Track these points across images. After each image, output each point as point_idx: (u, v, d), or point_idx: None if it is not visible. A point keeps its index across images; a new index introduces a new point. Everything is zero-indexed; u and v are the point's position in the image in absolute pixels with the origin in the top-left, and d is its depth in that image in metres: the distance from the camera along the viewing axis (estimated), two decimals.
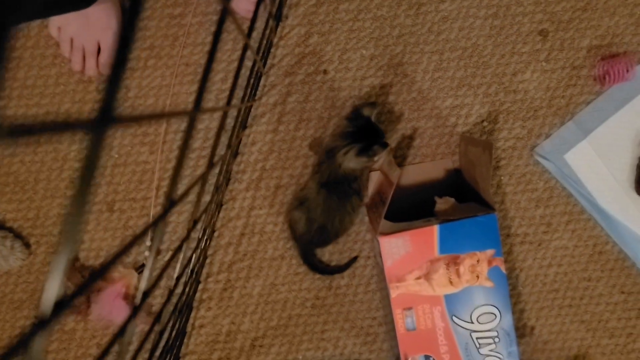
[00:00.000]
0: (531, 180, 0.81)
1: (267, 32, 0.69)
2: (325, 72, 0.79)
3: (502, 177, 0.81)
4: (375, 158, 0.71)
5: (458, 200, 0.74)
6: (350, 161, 0.70)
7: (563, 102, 0.80)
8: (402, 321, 0.68)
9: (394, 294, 0.67)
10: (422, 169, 0.80)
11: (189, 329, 0.80)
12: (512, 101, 0.80)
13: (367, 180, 0.77)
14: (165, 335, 0.75)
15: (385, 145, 0.70)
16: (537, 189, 0.81)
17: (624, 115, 0.80)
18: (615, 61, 0.78)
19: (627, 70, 0.78)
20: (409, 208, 0.76)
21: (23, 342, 0.16)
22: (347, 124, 0.72)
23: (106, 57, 0.76)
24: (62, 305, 0.18)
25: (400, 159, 0.80)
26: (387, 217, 0.71)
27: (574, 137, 0.80)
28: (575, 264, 0.81)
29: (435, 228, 0.67)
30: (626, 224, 0.80)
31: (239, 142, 0.77)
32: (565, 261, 0.81)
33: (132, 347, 0.80)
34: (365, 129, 0.70)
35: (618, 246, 0.81)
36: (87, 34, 0.74)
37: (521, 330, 0.82)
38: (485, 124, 0.80)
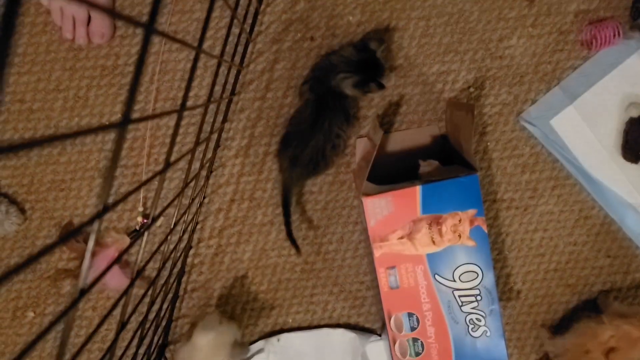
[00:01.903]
0: (517, 145, 0.81)
1: None
2: (312, 38, 0.80)
3: (488, 143, 0.82)
4: (369, 95, 0.75)
5: (445, 165, 0.75)
6: (346, 88, 0.72)
7: (549, 67, 0.80)
8: (385, 279, 0.69)
9: (377, 253, 0.69)
10: (408, 136, 0.81)
11: (181, 292, 0.82)
12: (498, 67, 0.80)
13: (357, 110, 0.80)
14: (159, 299, 0.77)
15: (381, 85, 0.72)
16: (523, 154, 0.81)
17: (611, 80, 0.80)
18: (603, 26, 0.78)
19: (615, 35, 0.77)
20: (395, 174, 0.76)
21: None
22: (352, 52, 0.73)
23: (96, 25, 0.77)
24: None
25: (387, 126, 0.81)
26: (375, 182, 0.72)
27: (560, 102, 0.80)
28: (561, 228, 0.82)
29: (418, 189, 0.68)
30: (612, 188, 0.81)
31: (228, 110, 0.79)
32: (551, 226, 0.82)
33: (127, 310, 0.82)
34: (369, 62, 0.72)
35: (604, 211, 0.82)
36: (77, 2, 0.75)
37: (507, 294, 0.83)
38: (471, 89, 0.81)
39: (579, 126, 0.80)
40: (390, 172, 0.77)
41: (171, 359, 0.82)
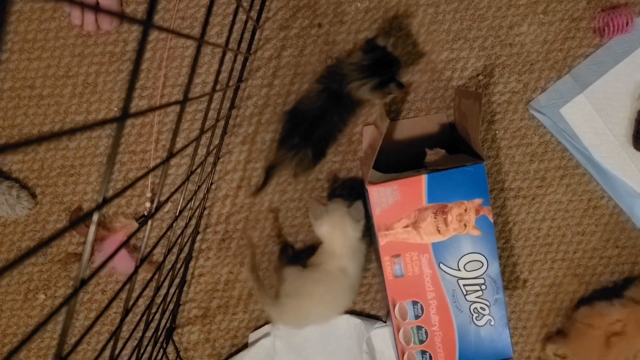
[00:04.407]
0: (526, 134, 0.81)
1: None
2: (319, 25, 0.79)
3: (497, 132, 0.81)
4: (390, 96, 0.72)
5: (451, 154, 0.75)
6: (364, 94, 0.70)
7: (560, 55, 0.79)
8: (390, 268, 0.69)
9: (382, 241, 0.69)
10: (416, 123, 0.80)
11: (188, 277, 0.83)
12: (508, 55, 0.79)
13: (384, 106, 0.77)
14: (166, 283, 0.78)
15: (401, 85, 0.70)
16: (532, 143, 0.81)
17: (623, 68, 0.79)
18: (616, 13, 0.76)
19: (627, 23, 0.76)
20: (403, 162, 0.76)
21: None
22: (362, 56, 0.69)
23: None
24: None
25: (394, 114, 0.81)
26: (381, 170, 0.72)
27: (570, 90, 0.79)
28: (569, 218, 0.82)
29: (424, 177, 0.68)
30: (622, 178, 0.80)
31: (235, 97, 0.79)
32: (559, 215, 0.82)
33: (134, 295, 0.83)
34: (382, 62, 0.69)
35: (613, 201, 0.81)
36: None
37: (513, 283, 0.83)
38: (480, 77, 0.80)
39: (589, 115, 0.79)
40: (397, 160, 0.77)
41: (179, 342, 0.84)
